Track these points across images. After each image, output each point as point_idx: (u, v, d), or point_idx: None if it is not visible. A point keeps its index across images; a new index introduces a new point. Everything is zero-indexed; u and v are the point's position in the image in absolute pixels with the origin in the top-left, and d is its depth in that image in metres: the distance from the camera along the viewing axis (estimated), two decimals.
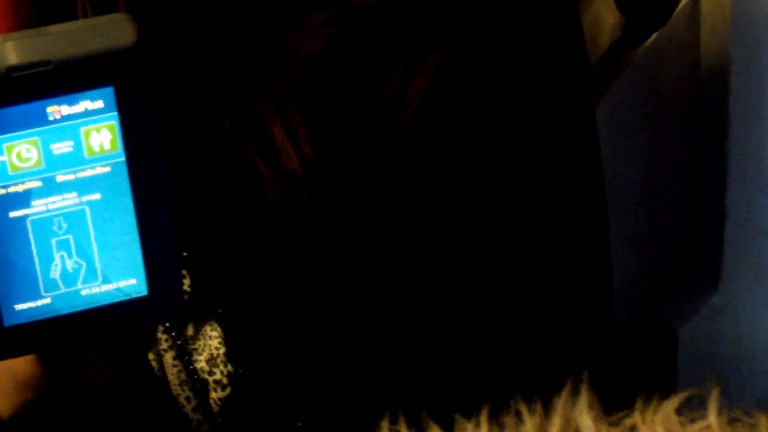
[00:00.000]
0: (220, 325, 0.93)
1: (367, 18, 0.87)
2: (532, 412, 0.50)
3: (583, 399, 0.50)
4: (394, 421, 0.52)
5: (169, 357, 0.93)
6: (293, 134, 0.87)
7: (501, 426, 0.50)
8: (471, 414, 0.52)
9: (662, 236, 1.43)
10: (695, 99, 1.33)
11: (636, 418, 0.49)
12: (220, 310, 0.93)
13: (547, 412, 0.50)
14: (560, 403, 0.51)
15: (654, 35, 1.23)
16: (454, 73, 0.89)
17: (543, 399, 0.52)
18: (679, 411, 0.49)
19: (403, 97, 0.88)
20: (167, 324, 0.92)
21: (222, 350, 0.93)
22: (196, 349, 0.93)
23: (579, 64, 0.93)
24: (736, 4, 1.19)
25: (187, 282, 0.92)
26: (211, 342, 0.93)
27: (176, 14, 0.84)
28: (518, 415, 0.51)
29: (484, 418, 0.50)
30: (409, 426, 0.52)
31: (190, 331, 0.93)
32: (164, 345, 0.93)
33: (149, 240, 0.70)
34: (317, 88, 0.88)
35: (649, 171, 1.37)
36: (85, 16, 0.80)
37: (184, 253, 0.91)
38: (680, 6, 1.24)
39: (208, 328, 0.94)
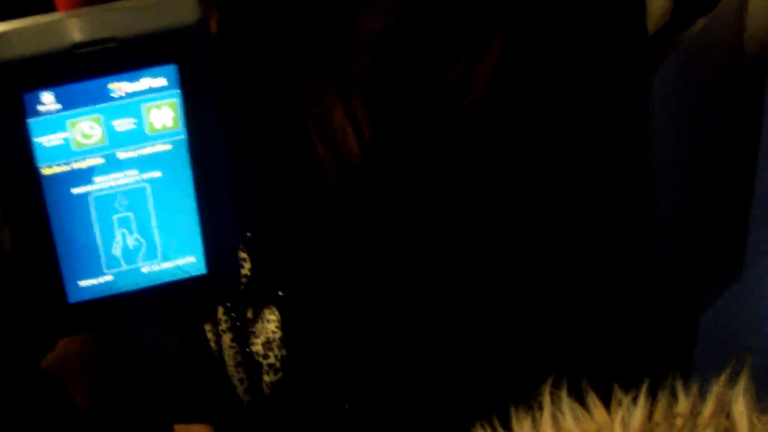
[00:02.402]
0: (278, 308, 0.93)
1: (435, 3, 0.86)
2: (687, 392, 0.50)
3: (741, 385, 0.50)
4: (556, 386, 0.52)
5: (227, 338, 0.93)
6: (353, 118, 0.87)
7: (656, 402, 0.50)
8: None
9: (687, 223, 1.42)
10: (737, 85, 1.32)
11: None
12: (280, 294, 0.93)
13: (702, 393, 0.50)
14: (717, 385, 0.50)
15: (702, 19, 1.22)
16: (517, 58, 0.88)
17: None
18: None
19: (468, 82, 0.88)
20: (228, 305, 0.92)
21: (278, 335, 0.93)
22: (254, 332, 0.94)
23: (639, 47, 0.93)
24: None
25: (248, 265, 0.92)
26: (268, 326, 0.94)
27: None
28: (673, 393, 0.51)
29: (643, 392, 0.50)
30: (569, 392, 0.52)
31: (249, 314, 0.94)
32: (223, 326, 0.93)
33: (208, 217, 0.71)
34: (381, 70, 0.88)
35: (679, 157, 1.36)
36: None
37: (248, 234, 0.91)
38: None
39: (267, 311, 0.94)
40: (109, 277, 0.70)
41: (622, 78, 0.91)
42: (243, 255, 0.92)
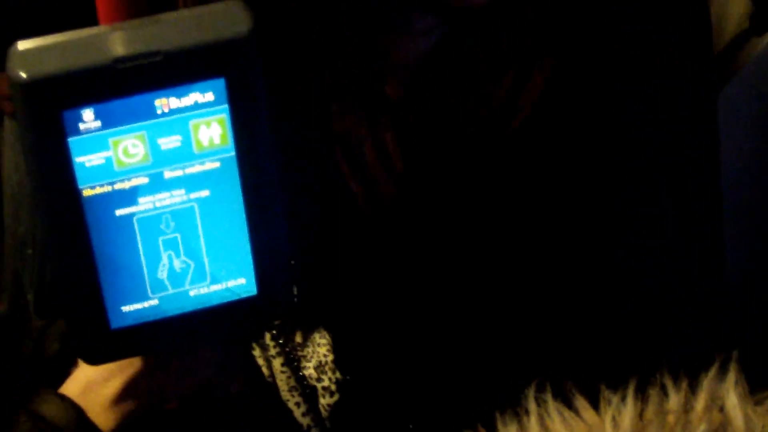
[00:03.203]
0: (328, 332, 0.91)
1: (475, 24, 0.82)
2: (677, 387, 0.49)
3: (731, 377, 0.49)
4: (540, 390, 0.50)
5: (277, 363, 0.91)
6: (384, 150, 0.83)
7: (646, 400, 0.49)
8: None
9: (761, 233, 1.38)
10: None
11: None
12: (329, 317, 0.90)
13: (693, 388, 0.49)
14: (707, 380, 0.49)
15: None
16: (572, 74, 0.84)
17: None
18: None
19: (511, 108, 0.84)
20: (275, 331, 0.89)
21: (330, 357, 0.91)
22: (304, 356, 0.91)
23: (705, 57, 0.89)
24: None
25: (294, 290, 0.89)
26: (319, 349, 0.91)
27: (282, 12, 0.81)
28: (663, 389, 0.49)
29: (630, 392, 0.49)
30: (555, 396, 0.50)
31: (298, 338, 0.91)
32: (272, 351, 0.91)
33: (259, 238, 0.67)
34: (417, 98, 0.84)
35: (756, 165, 1.31)
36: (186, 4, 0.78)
37: (292, 261, 0.88)
38: None
39: (316, 335, 0.91)
40: (154, 302, 0.67)
41: (684, 96, 0.88)
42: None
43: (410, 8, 0.81)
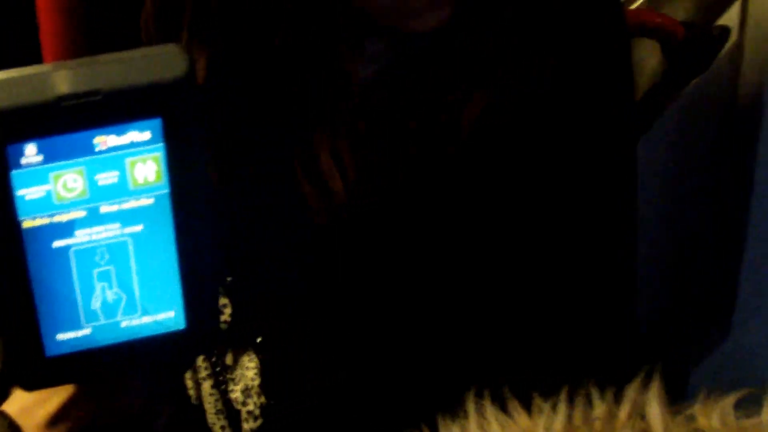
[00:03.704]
0: (257, 354, 0.93)
1: (423, 48, 0.86)
2: (602, 397, 0.52)
3: (654, 388, 0.52)
4: (479, 396, 0.54)
5: (207, 386, 0.93)
6: (339, 159, 0.87)
7: (574, 407, 0.52)
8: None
9: (678, 274, 1.42)
10: (728, 140, 1.33)
11: (696, 409, 0.51)
12: (259, 340, 0.93)
13: (617, 398, 0.52)
14: (631, 389, 0.52)
15: (696, 80, 1.23)
16: (570, 72, 0.88)
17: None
18: (736, 407, 0.51)
19: (454, 127, 0.88)
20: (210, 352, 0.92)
21: (257, 381, 0.93)
22: (233, 379, 0.93)
23: (627, 103, 0.94)
24: None
25: (228, 311, 0.92)
26: (247, 372, 0.93)
27: (239, 37, 0.84)
28: (589, 399, 0.52)
29: (562, 400, 0.52)
30: (494, 400, 0.54)
31: (229, 360, 0.93)
32: (203, 374, 0.93)
33: (189, 273, 0.70)
34: (368, 114, 0.88)
35: (674, 211, 1.36)
36: (149, 40, 0.81)
37: (228, 278, 0.90)
38: (723, 52, 1.24)
39: (246, 358, 0.93)
40: (87, 331, 0.69)
41: (610, 137, 0.92)
42: (224, 301, 0.92)
43: (362, 33, 0.85)
